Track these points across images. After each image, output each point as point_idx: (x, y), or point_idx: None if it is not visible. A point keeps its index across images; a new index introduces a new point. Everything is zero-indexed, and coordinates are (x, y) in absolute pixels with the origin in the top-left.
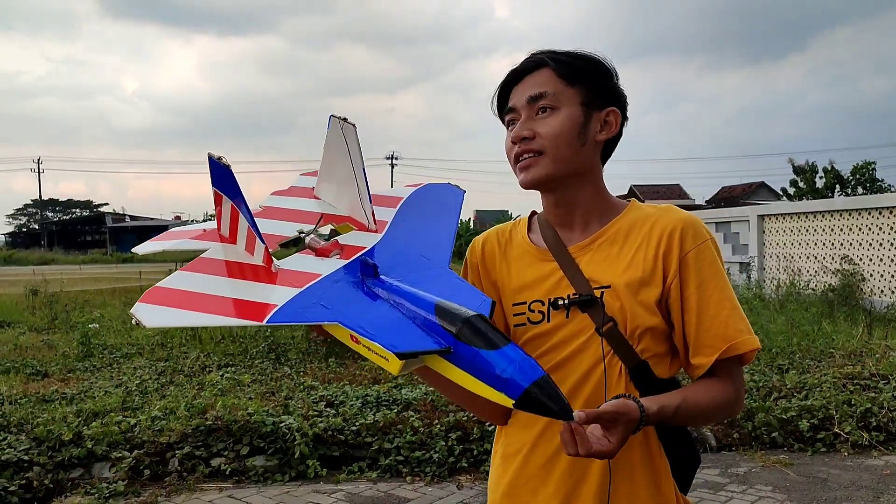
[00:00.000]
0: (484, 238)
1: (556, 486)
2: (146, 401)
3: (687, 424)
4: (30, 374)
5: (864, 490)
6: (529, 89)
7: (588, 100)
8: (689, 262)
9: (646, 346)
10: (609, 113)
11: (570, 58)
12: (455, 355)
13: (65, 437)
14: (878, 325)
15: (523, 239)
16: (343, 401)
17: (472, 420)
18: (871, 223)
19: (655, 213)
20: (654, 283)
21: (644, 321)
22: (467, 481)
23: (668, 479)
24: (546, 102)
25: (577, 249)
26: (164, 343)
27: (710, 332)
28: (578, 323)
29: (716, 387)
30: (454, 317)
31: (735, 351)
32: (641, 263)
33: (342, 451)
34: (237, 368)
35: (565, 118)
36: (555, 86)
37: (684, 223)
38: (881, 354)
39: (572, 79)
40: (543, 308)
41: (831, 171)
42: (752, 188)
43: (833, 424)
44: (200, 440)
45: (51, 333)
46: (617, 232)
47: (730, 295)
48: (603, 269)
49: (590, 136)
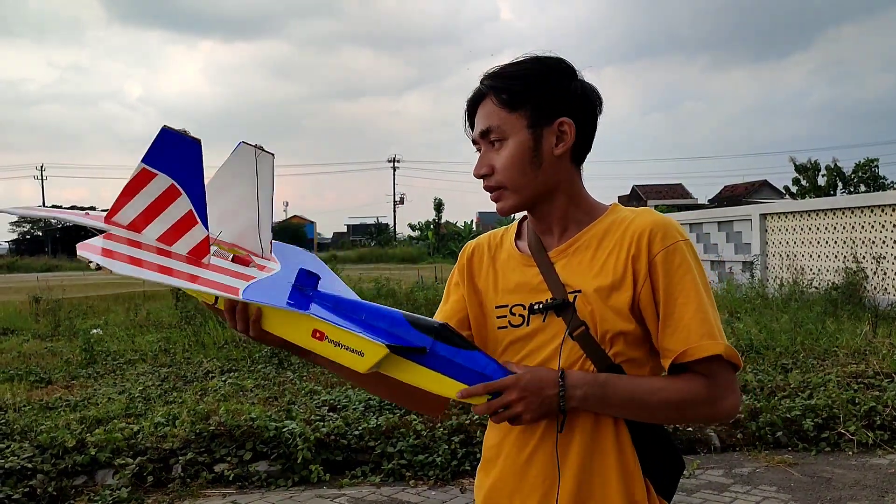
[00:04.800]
0: (475, 243)
1: (530, 491)
2: (149, 407)
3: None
4: (33, 382)
5: (868, 489)
6: (479, 123)
7: (534, 120)
8: (658, 265)
9: (619, 350)
10: (561, 124)
11: (507, 81)
12: (430, 355)
13: (68, 445)
14: (882, 323)
15: (510, 244)
16: (346, 405)
17: (475, 423)
18: (875, 221)
19: (630, 216)
20: (624, 288)
21: (614, 325)
22: (470, 484)
23: (640, 486)
24: (494, 136)
25: (555, 254)
26: (168, 349)
27: (674, 336)
28: (554, 327)
29: (683, 379)
30: (428, 324)
31: (690, 356)
32: (612, 268)
33: (345, 456)
34: (240, 374)
35: (513, 148)
36: (498, 117)
37: (654, 225)
38: (885, 352)
39: (513, 105)
40: (524, 312)
41: (834, 168)
42: (754, 187)
43: (837, 424)
44: (203, 446)
45: (54, 340)
46: (592, 237)
47: (697, 297)
48: (576, 273)
49: (544, 155)
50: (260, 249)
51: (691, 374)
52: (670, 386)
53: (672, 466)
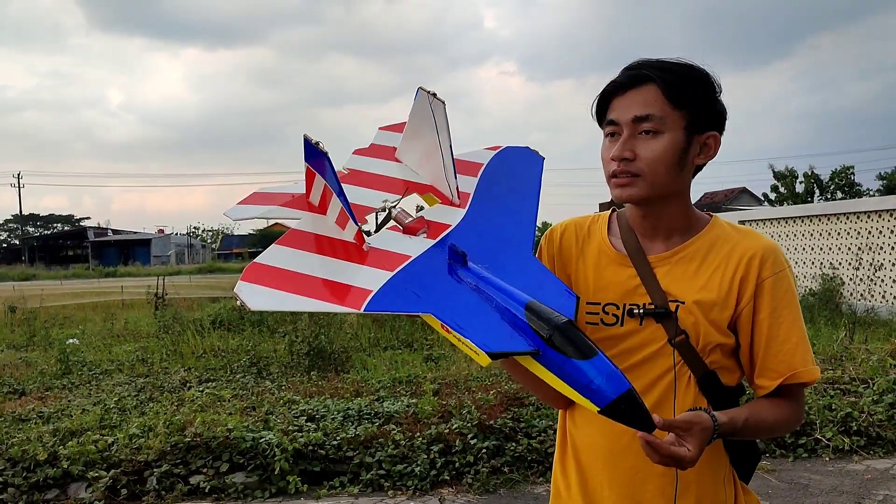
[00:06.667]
0: (563, 229)
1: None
2: (124, 418)
3: (753, 437)
4: (6, 393)
5: (845, 495)
6: (634, 107)
7: (691, 124)
8: (766, 289)
9: (714, 359)
10: (709, 137)
11: (678, 76)
12: (544, 358)
13: (40, 458)
14: (858, 329)
15: (603, 240)
16: (324, 415)
17: (453, 432)
18: (851, 228)
19: (736, 235)
20: (727, 306)
21: (715, 338)
22: (449, 494)
23: (729, 472)
24: (651, 126)
25: (656, 260)
26: (145, 359)
27: (777, 357)
28: (652, 332)
29: (781, 405)
30: (545, 321)
31: (797, 379)
32: (717, 285)
33: (323, 466)
34: (218, 383)
35: (668, 144)
36: (661, 108)
37: (765, 250)
38: (862, 358)
39: (679, 102)
40: (618, 312)
41: (811, 175)
42: (734, 194)
43: (814, 430)
44: (179, 458)
45: (29, 350)
46: (697, 250)
47: (800, 325)
48: (680, 284)
49: (689, 160)
50: (450, 194)
51: (788, 400)
52: (777, 413)
53: (752, 455)
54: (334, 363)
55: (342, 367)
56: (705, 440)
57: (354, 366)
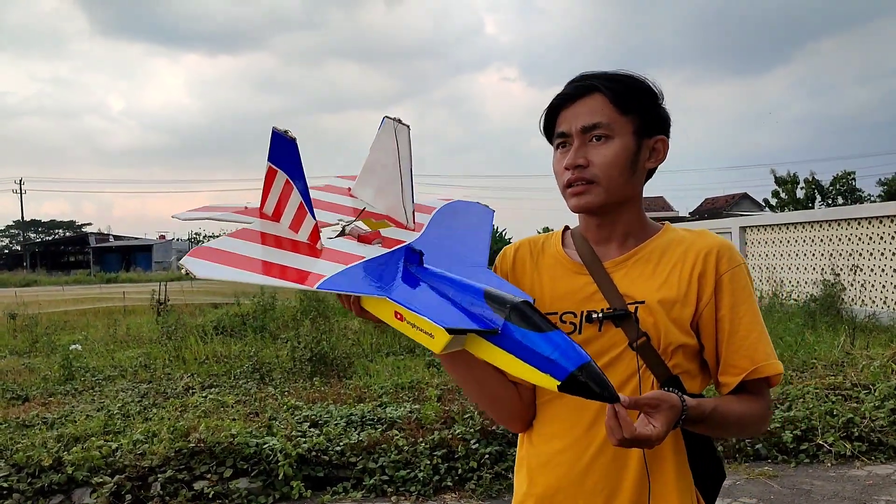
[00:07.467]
0: (516, 246)
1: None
2: (128, 424)
3: (719, 432)
4: (10, 399)
5: (847, 501)
6: (583, 117)
7: (639, 128)
8: (724, 284)
9: (677, 362)
10: (658, 140)
11: (623, 85)
12: (502, 336)
13: (44, 463)
14: (859, 334)
15: (557, 251)
16: (327, 420)
17: (456, 438)
18: (852, 233)
19: (690, 236)
20: (687, 303)
21: (677, 338)
22: (452, 500)
23: (692, 494)
24: (601, 132)
25: (612, 265)
26: (148, 365)
27: (739, 353)
28: (611, 337)
29: (747, 400)
30: (503, 301)
31: (760, 374)
32: (676, 283)
33: (326, 472)
34: (221, 389)
35: (619, 148)
36: (609, 115)
37: (720, 247)
38: (863, 364)
39: (626, 108)
40: (575, 320)
41: (812, 181)
42: (735, 199)
43: (816, 435)
44: (183, 463)
45: (32, 356)
46: (653, 250)
47: (759, 319)
48: (638, 284)
49: (640, 164)
50: (405, 220)
51: (754, 396)
52: (744, 407)
53: (716, 474)
54: (336, 369)
55: (344, 373)
56: (672, 420)
57: (357, 372)
